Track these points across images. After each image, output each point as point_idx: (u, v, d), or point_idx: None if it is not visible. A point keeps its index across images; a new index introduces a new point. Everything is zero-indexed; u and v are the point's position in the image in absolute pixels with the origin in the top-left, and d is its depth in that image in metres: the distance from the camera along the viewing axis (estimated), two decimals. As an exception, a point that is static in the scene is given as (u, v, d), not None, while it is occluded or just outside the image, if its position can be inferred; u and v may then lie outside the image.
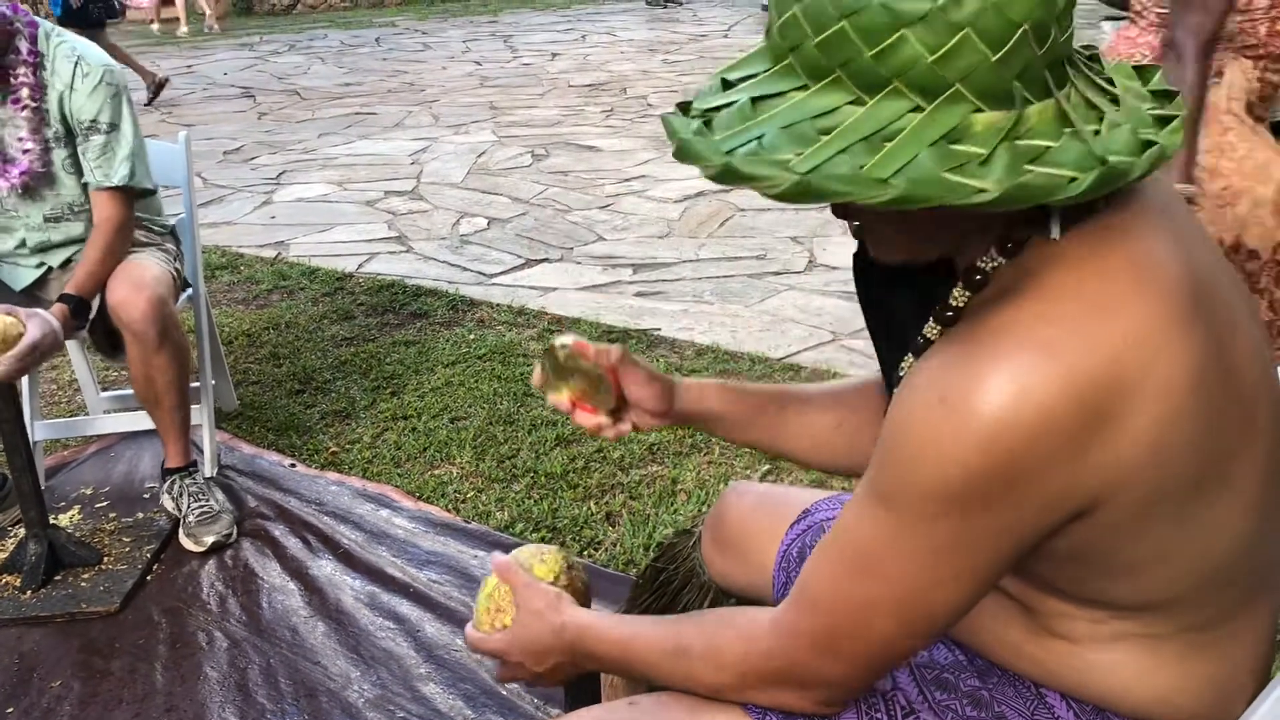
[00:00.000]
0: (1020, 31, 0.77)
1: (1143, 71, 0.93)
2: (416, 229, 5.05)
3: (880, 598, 0.89)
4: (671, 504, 2.59)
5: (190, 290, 2.84)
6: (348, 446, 2.99)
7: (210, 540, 2.50)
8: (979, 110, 0.78)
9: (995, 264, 0.89)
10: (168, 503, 2.62)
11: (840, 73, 0.79)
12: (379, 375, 3.41)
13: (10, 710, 2.02)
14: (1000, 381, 0.81)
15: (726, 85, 0.88)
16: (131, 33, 13.34)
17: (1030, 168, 0.77)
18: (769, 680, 0.98)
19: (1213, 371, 0.85)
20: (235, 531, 2.56)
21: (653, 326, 3.72)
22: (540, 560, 1.21)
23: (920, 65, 0.77)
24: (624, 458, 2.82)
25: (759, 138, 0.80)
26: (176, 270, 2.67)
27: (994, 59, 0.77)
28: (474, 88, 8.88)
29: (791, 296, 3.98)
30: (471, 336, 3.68)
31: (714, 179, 0.82)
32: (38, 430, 2.86)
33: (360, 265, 4.52)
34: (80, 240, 2.56)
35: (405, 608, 2.28)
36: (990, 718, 1.03)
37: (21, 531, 2.44)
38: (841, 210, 0.92)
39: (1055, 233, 0.86)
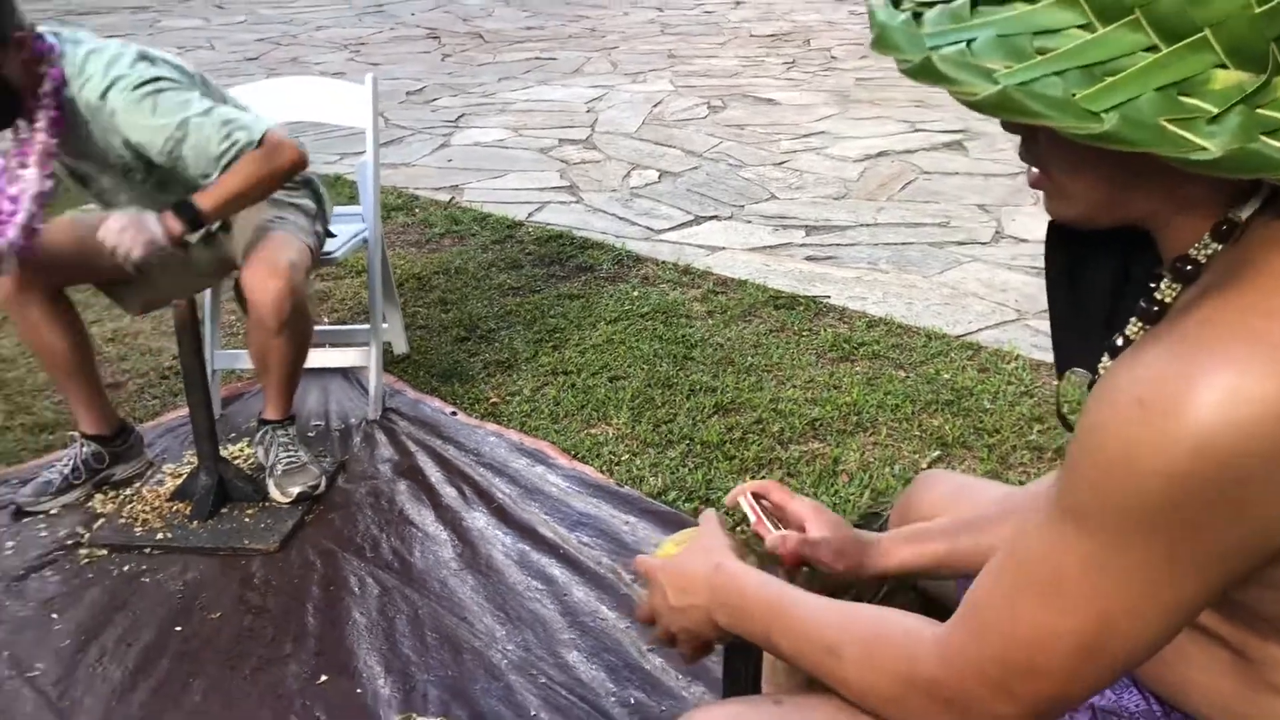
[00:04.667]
0: None
1: None
2: (588, 179, 5.01)
3: (1063, 628, 0.79)
4: (832, 484, 2.48)
5: (336, 240, 2.81)
6: (508, 398, 2.98)
7: (295, 491, 2.47)
8: (1222, 66, 0.68)
9: (1209, 251, 0.79)
10: (259, 452, 2.60)
11: None
12: (542, 328, 3.39)
13: (178, 629, 2.09)
14: (1207, 380, 0.70)
15: None
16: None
17: (1266, 139, 0.67)
18: (929, 710, 0.88)
19: None
20: (324, 482, 2.53)
21: (822, 294, 3.58)
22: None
23: None
24: (783, 431, 2.72)
25: (969, 41, 0.72)
26: (316, 231, 2.62)
27: (1257, 10, 0.67)
28: (654, 35, 8.77)
29: (975, 269, 3.77)
30: (635, 293, 3.62)
31: (909, 74, 0.74)
32: (216, 360, 2.95)
33: (530, 214, 4.52)
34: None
35: (554, 569, 2.25)
36: (1178, 783, 0.90)
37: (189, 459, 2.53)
38: (1030, 146, 0.83)
39: (1245, 211, 0.76)
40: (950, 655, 0.86)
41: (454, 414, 2.91)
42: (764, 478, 2.51)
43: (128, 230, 2.21)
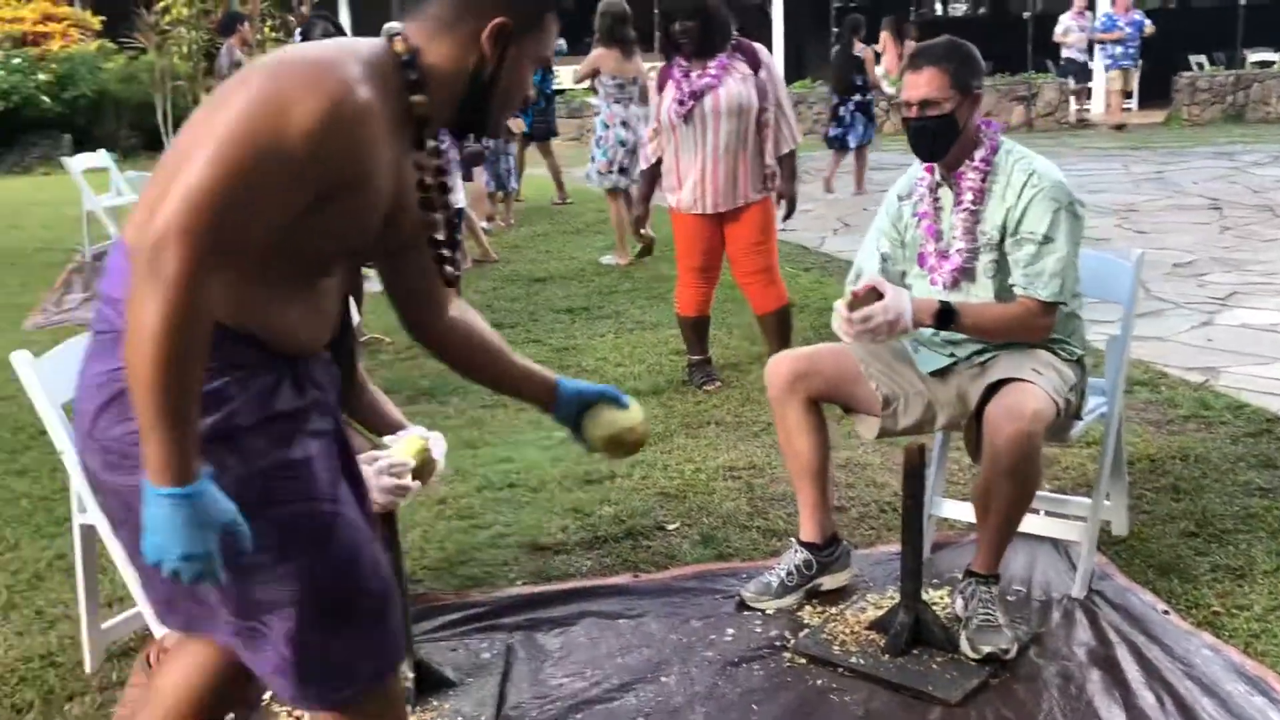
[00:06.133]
0: None
1: None
2: (1381, 380, 4.33)
3: None
4: None
5: (1089, 415, 2.80)
6: (1234, 610, 2.68)
7: (986, 650, 2.46)
8: None
9: None
10: (957, 603, 2.65)
11: None
12: (1292, 540, 3.00)
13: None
14: None
15: None
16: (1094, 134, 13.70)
17: None
18: None
19: None
20: (1016, 649, 2.49)
21: None
22: None
23: None
24: None
25: None
26: (1068, 400, 2.64)
27: None
28: None
29: None
30: None
31: None
32: (933, 504, 3.08)
33: (1299, 410, 4.03)
34: (986, 345, 2.69)
35: (1258, 821, 1.97)
36: None
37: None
38: None
39: None
40: None
41: (1166, 613, 2.69)
42: None
43: (884, 314, 2.48)
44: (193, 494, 1.36)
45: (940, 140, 2.63)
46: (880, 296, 2.52)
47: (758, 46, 4.54)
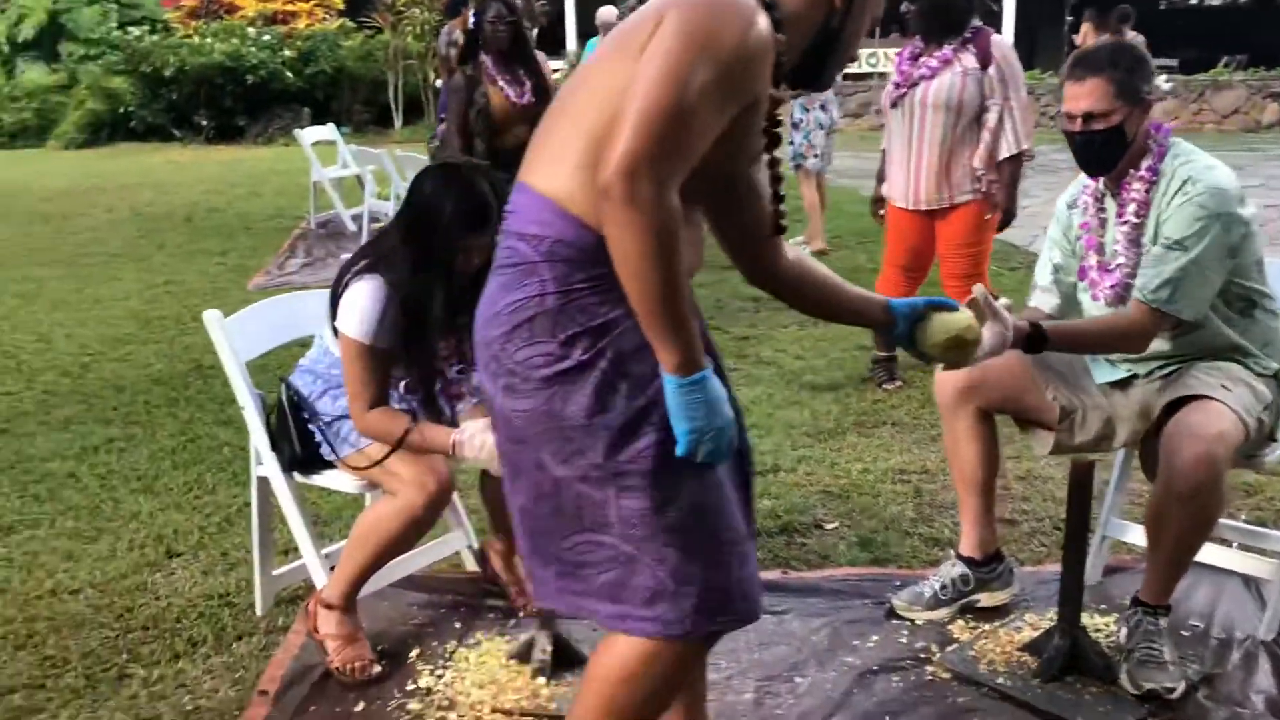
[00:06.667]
0: None
1: None
2: None
3: None
4: None
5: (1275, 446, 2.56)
6: None
7: (1147, 686, 2.30)
8: None
9: None
10: (1122, 632, 2.47)
11: None
12: None
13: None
14: None
15: None
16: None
17: None
18: None
19: None
20: (1182, 688, 2.31)
21: None
22: None
23: None
24: None
25: None
26: (1260, 420, 2.42)
27: None
28: None
29: None
30: None
31: None
32: (1109, 526, 2.89)
33: None
34: (1169, 357, 2.50)
35: None
36: None
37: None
38: None
39: None
40: None
41: (1368, 669, 2.44)
42: None
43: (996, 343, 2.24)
44: (709, 374, 1.53)
45: (1106, 153, 2.43)
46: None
47: (996, 40, 4.22)
